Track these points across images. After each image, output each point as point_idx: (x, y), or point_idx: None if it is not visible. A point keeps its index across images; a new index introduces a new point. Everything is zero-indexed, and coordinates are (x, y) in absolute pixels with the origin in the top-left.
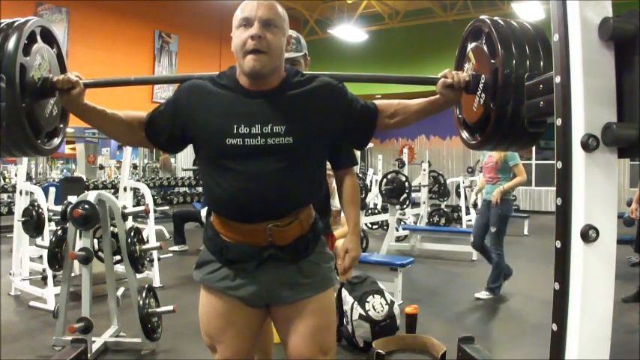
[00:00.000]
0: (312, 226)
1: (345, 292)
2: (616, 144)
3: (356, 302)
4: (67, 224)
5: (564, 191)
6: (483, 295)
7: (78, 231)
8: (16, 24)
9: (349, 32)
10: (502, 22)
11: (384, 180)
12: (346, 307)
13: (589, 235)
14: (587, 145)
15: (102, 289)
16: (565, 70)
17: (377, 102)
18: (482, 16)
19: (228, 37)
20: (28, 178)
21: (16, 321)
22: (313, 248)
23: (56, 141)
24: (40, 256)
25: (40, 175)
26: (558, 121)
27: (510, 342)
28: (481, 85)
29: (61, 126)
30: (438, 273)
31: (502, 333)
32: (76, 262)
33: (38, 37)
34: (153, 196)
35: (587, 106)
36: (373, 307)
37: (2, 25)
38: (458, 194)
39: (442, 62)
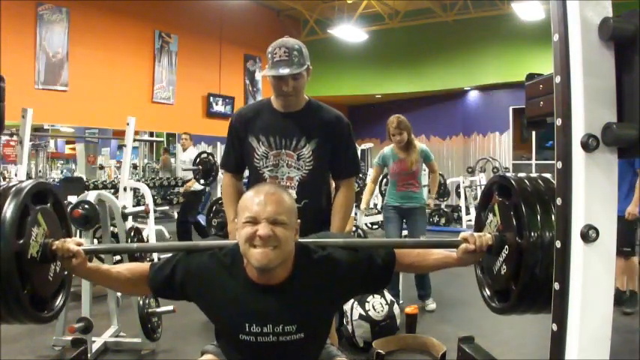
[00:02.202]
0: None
1: None
2: (616, 144)
3: (356, 302)
4: None
5: (564, 191)
6: (432, 305)
7: (78, 231)
8: (4, 211)
9: (349, 32)
10: (530, 190)
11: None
12: (346, 307)
13: (589, 235)
14: (587, 145)
15: (102, 289)
16: (565, 70)
17: (396, 251)
18: (511, 178)
19: (228, 37)
20: (29, 178)
21: None
22: None
23: (60, 301)
24: None
25: (41, 175)
26: (558, 121)
27: (510, 342)
28: (504, 254)
29: (66, 277)
30: (438, 273)
31: (502, 333)
32: None
33: (31, 206)
34: (153, 196)
35: (587, 106)
36: (373, 307)
37: None
38: (458, 194)
39: (442, 62)
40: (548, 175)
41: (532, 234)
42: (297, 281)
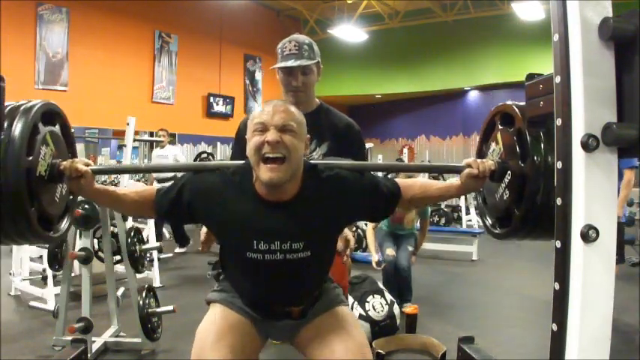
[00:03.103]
0: (321, 287)
1: None
2: (616, 144)
3: (356, 302)
4: None
5: (564, 191)
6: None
7: (78, 231)
8: (14, 127)
9: (349, 32)
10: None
11: None
12: None
13: (589, 235)
14: (587, 145)
15: (102, 289)
16: (565, 70)
17: (399, 182)
18: (513, 105)
19: (228, 37)
20: None
21: (16, 321)
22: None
23: (65, 223)
24: (40, 256)
25: None
26: (558, 121)
27: (510, 342)
28: (507, 179)
29: (71, 202)
30: (438, 273)
31: (502, 333)
32: (76, 262)
33: (40, 126)
34: None
35: (587, 106)
36: (373, 307)
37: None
38: None
39: (442, 62)
40: None
41: (536, 158)
42: (306, 198)
